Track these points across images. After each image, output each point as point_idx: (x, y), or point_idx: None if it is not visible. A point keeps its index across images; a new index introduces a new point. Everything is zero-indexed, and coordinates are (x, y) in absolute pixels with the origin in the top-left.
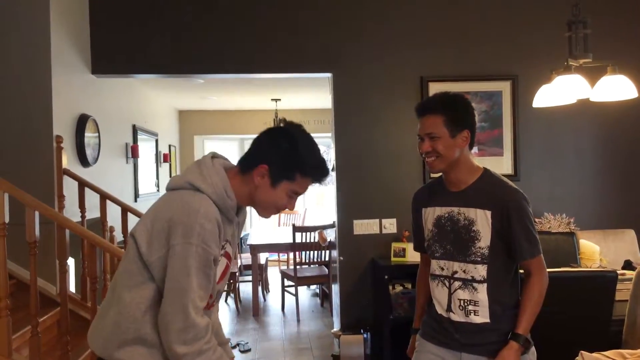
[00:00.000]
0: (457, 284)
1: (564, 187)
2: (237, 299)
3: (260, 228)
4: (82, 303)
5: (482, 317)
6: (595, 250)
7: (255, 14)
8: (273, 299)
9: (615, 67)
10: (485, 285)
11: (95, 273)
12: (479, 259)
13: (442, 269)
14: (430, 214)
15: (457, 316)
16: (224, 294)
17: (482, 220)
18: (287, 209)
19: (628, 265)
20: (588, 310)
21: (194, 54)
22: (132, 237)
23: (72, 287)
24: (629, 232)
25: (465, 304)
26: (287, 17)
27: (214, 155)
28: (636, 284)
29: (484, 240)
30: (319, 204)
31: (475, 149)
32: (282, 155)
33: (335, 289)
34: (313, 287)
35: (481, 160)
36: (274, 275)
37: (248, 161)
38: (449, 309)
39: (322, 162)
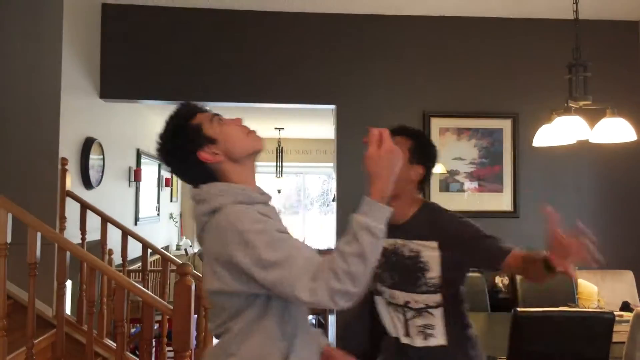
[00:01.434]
0: (411, 312)
1: (563, 225)
2: None
3: None
4: (77, 326)
5: (439, 339)
6: (594, 291)
7: (262, 46)
8: None
9: (614, 110)
10: (440, 309)
11: (93, 296)
12: (432, 289)
13: (394, 297)
14: None
15: (416, 341)
16: None
17: (428, 252)
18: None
19: (626, 306)
20: (585, 351)
21: (201, 82)
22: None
23: (67, 309)
24: (627, 273)
25: (424, 329)
26: (293, 50)
27: (196, 185)
28: (633, 326)
29: (433, 271)
30: (318, 233)
31: (475, 184)
32: (179, 140)
33: (331, 319)
34: (309, 317)
35: (480, 196)
36: None
37: (200, 176)
38: (407, 335)
39: (176, 110)
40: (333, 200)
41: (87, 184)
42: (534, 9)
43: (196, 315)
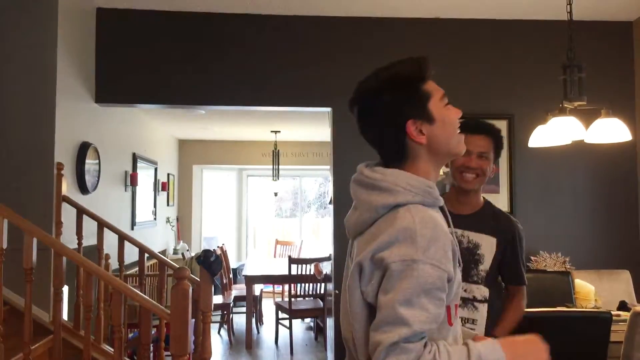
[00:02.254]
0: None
1: (559, 225)
2: (230, 331)
3: (255, 259)
4: (74, 332)
5: None
6: (591, 290)
7: (257, 49)
8: (267, 332)
9: (609, 111)
10: (486, 305)
11: (90, 302)
12: (481, 281)
13: None
14: None
15: None
16: (217, 325)
17: (487, 246)
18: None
19: (623, 306)
20: (583, 351)
21: (197, 86)
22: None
23: (65, 315)
24: (624, 272)
25: (465, 322)
26: (288, 53)
27: (369, 166)
28: (631, 325)
29: (486, 263)
30: (315, 236)
31: None
32: (397, 100)
33: (330, 322)
34: (307, 320)
35: None
36: (268, 307)
37: (392, 149)
38: None
39: (407, 61)
40: (330, 202)
41: (83, 188)
42: (528, 10)
43: (194, 320)
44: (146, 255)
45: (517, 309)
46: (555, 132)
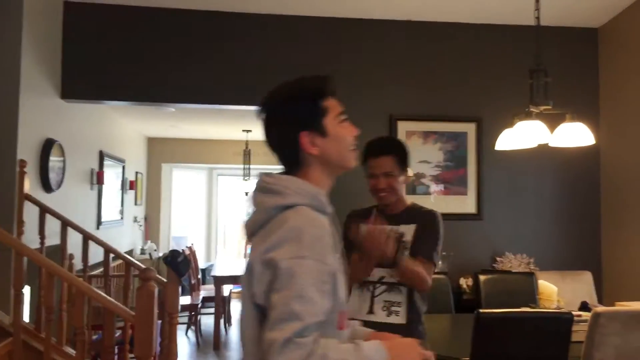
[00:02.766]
0: (381, 288)
1: (525, 227)
2: (198, 332)
3: (225, 259)
4: (36, 334)
5: (401, 318)
6: (554, 291)
7: (228, 46)
8: (235, 332)
9: (573, 115)
10: (406, 288)
11: (52, 303)
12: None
13: (371, 275)
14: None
15: (378, 317)
16: (185, 326)
17: (409, 233)
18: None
19: (584, 307)
20: (545, 350)
21: (167, 83)
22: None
23: (26, 317)
24: (586, 274)
25: (389, 305)
26: (259, 51)
27: (267, 174)
28: (591, 325)
29: (410, 248)
30: None
31: (441, 187)
32: (295, 112)
33: None
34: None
35: (445, 198)
36: (237, 308)
37: (287, 156)
38: (370, 312)
39: (312, 78)
40: None
41: (47, 186)
42: (497, 15)
43: (160, 321)
44: (111, 255)
45: (419, 269)
46: (521, 135)
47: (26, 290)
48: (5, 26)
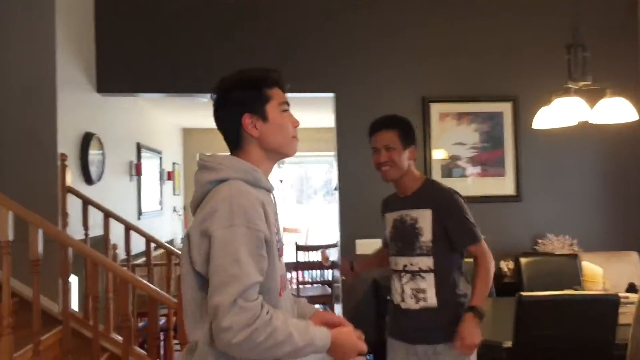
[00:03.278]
0: (406, 277)
1: (566, 208)
2: None
3: None
4: (84, 321)
5: (430, 303)
6: (598, 273)
7: (260, 35)
8: None
9: (614, 90)
10: (432, 274)
11: (97, 292)
12: (425, 252)
13: (396, 264)
14: (389, 219)
15: (408, 304)
16: None
17: (422, 218)
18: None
19: (631, 288)
20: (591, 333)
21: (199, 74)
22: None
23: (74, 306)
24: (632, 254)
25: (416, 293)
26: (290, 38)
27: (207, 154)
28: (639, 307)
29: (426, 235)
30: (322, 222)
31: (477, 169)
32: (241, 96)
33: (337, 309)
34: (316, 306)
35: (483, 180)
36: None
37: (229, 134)
38: (402, 299)
39: (260, 69)
40: (335, 189)
41: (88, 179)
42: None
43: None
44: (153, 244)
45: (480, 273)
46: (560, 113)
47: (73, 280)
48: (39, 22)
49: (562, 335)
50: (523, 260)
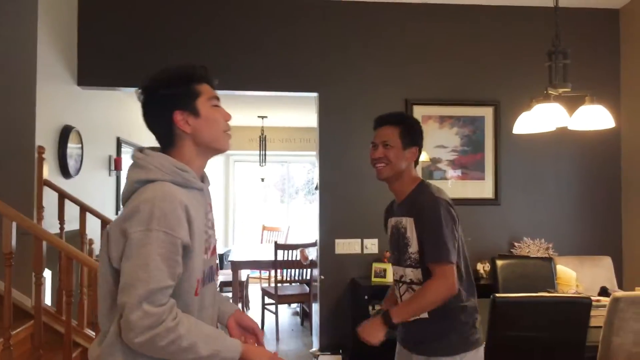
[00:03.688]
0: (403, 286)
1: (543, 212)
2: None
3: (242, 244)
4: (57, 316)
5: (422, 315)
6: (572, 276)
7: (243, 32)
8: (253, 317)
9: (593, 97)
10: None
11: (71, 286)
12: (413, 264)
13: (394, 273)
14: (389, 225)
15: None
16: None
17: (410, 228)
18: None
19: (604, 292)
20: (563, 335)
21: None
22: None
23: (47, 300)
24: (605, 259)
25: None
26: (275, 37)
27: (141, 149)
28: (610, 310)
29: (413, 246)
30: (303, 222)
31: (458, 172)
32: (170, 93)
33: (315, 308)
34: (294, 305)
35: (463, 183)
36: (254, 293)
37: (160, 132)
38: None
39: (187, 65)
40: (316, 188)
41: (66, 173)
42: None
43: None
44: None
45: (420, 291)
46: (540, 118)
47: (47, 274)
48: (21, 13)
49: (535, 336)
50: (499, 262)
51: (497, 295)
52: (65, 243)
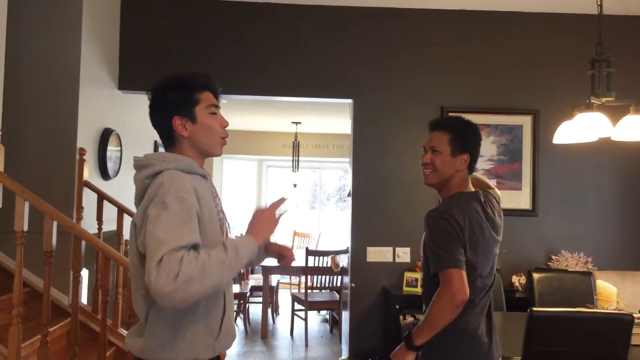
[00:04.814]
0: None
1: (582, 225)
2: (246, 320)
3: None
4: (92, 315)
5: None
6: (613, 292)
7: (279, 39)
8: (282, 322)
9: (637, 107)
10: (424, 289)
11: (107, 286)
12: (421, 267)
13: None
14: None
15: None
16: (234, 314)
17: (424, 234)
18: (224, 139)
19: None
20: (602, 353)
21: (220, 75)
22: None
23: (84, 299)
24: None
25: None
26: (311, 44)
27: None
28: None
29: (422, 250)
30: (334, 229)
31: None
32: (171, 99)
33: (345, 315)
34: (323, 312)
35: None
36: (284, 298)
37: (162, 133)
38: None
39: (191, 73)
40: (348, 195)
41: (105, 174)
42: (557, 4)
43: None
44: None
45: (428, 307)
46: (581, 128)
47: (84, 273)
48: (65, 19)
49: (572, 352)
50: (536, 275)
51: (535, 309)
52: (103, 243)
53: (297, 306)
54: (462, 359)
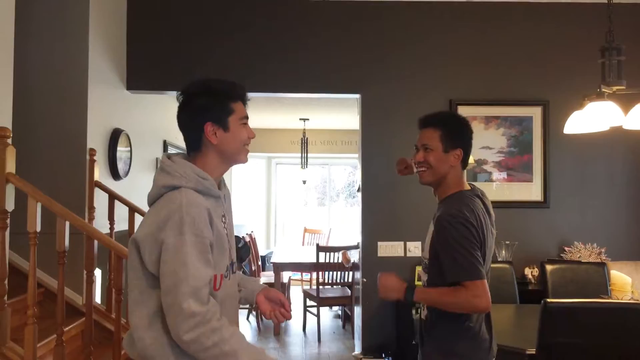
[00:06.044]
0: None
1: (595, 216)
2: (259, 317)
3: (284, 247)
4: (107, 314)
5: (424, 315)
6: (627, 282)
7: (286, 35)
8: (294, 319)
9: None
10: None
11: (120, 285)
12: (424, 267)
13: None
14: None
15: (423, 314)
16: (246, 311)
17: (429, 233)
18: (247, 147)
19: None
20: (617, 343)
21: (227, 72)
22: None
23: (98, 298)
24: None
25: (424, 307)
26: (317, 39)
27: (169, 156)
28: None
29: (426, 250)
30: (343, 224)
31: (504, 174)
32: (207, 104)
33: (357, 311)
34: (335, 308)
35: (509, 185)
36: (296, 295)
37: (190, 136)
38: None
39: (228, 82)
40: (358, 191)
41: (115, 174)
42: None
43: None
44: None
45: (451, 290)
46: (593, 117)
47: (97, 272)
48: (73, 20)
49: (587, 344)
50: (549, 267)
51: (549, 300)
52: (116, 242)
53: (309, 302)
54: (464, 356)
